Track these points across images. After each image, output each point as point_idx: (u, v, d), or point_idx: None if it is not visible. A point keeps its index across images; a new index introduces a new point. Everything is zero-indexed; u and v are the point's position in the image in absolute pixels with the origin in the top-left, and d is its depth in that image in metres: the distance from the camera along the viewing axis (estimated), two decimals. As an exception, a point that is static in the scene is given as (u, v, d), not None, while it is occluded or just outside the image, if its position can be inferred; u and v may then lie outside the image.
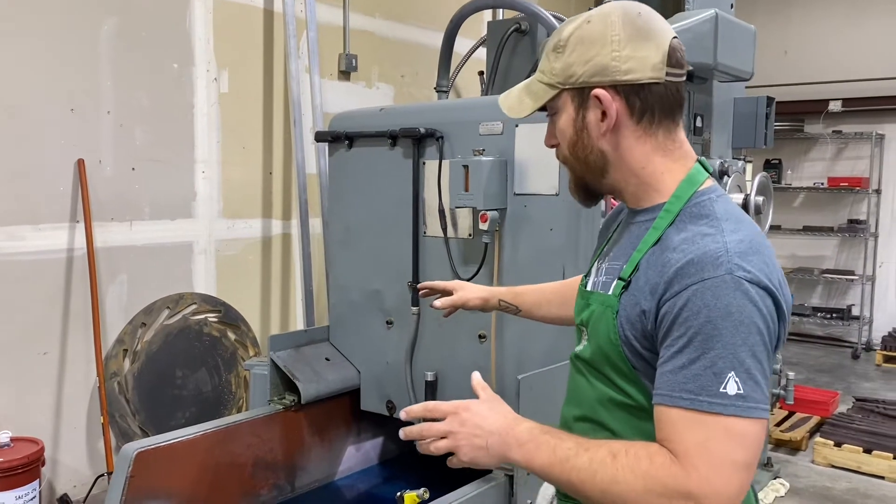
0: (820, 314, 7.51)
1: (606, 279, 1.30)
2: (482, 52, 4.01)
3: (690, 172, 1.25)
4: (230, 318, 4.15)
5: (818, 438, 4.61)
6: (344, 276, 3.09)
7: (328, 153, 3.16)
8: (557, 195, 2.51)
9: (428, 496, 2.08)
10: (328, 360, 3.03)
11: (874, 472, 4.33)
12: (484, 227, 2.58)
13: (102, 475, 3.60)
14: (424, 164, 2.80)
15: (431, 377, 2.79)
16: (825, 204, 7.77)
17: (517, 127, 2.57)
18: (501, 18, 4.69)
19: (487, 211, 2.57)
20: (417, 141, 2.79)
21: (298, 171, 4.35)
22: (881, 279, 7.62)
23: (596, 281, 1.34)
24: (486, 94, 3.66)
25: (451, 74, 3.86)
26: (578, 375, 1.36)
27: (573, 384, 1.38)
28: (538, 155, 2.54)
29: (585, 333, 1.33)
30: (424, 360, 2.85)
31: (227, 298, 4.16)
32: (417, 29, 5.30)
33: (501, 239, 2.64)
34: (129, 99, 3.77)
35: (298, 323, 4.63)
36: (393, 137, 2.85)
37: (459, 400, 1.25)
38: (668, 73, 1.21)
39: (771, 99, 3.86)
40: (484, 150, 2.64)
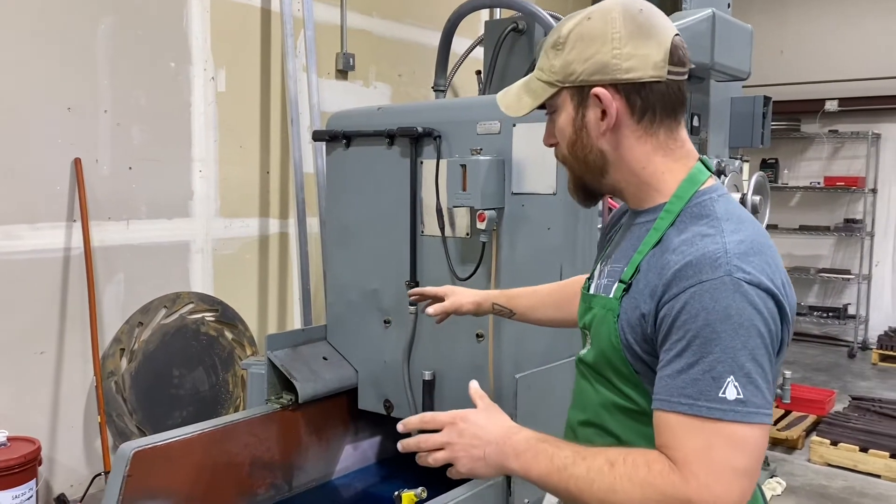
0: (816, 313, 7.54)
1: (608, 282, 1.28)
2: (479, 51, 4.01)
3: (692, 172, 1.23)
4: (227, 317, 4.15)
5: (814, 437, 4.62)
6: (341, 275, 3.09)
7: (325, 152, 3.16)
8: (555, 195, 2.51)
9: (426, 495, 2.08)
10: (326, 359, 3.02)
11: (870, 470, 4.35)
12: (482, 226, 2.58)
13: (99, 474, 3.60)
14: (422, 163, 2.80)
15: (429, 376, 2.78)
16: (821, 203, 7.79)
17: (515, 126, 2.56)
18: (499, 18, 4.69)
19: (485, 210, 2.57)
20: (415, 140, 2.78)
21: (296, 170, 4.35)
22: (877, 278, 7.65)
23: (598, 284, 1.32)
24: (483, 93, 3.66)
25: (448, 74, 3.86)
26: (582, 379, 1.34)
27: (578, 388, 1.36)
28: (536, 154, 2.53)
29: (589, 337, 1.31)
30: (422, 359, 2.85)
31: (224, 298, 4.16)
32: (415, 28, 5.30)
33: (499, 238, 2.63)
34: (126, 98, 3.76)
35: (296, 322, 4.63)
36: (390, 137, 2.84)
37: (456, 410, 1.23)
38: (669, 71, 1.19)
39: (768, 98, 3.86)
40: (481, 149, 2.63)
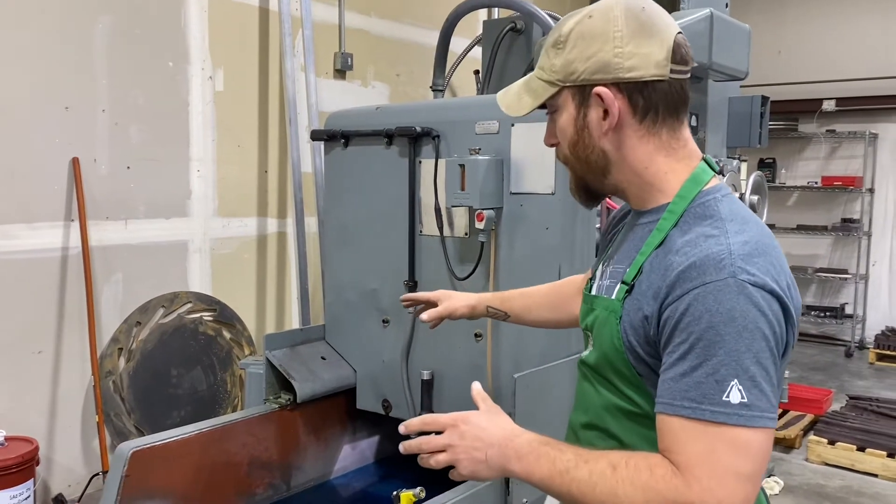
0: (813, 313, 7.55)
1: (610, 283, 1.26)
2: (477, 51, 4.01)
3: (695, 171, 1.21)
4: (225, 316, 4.14)
5: (812, 436, 4.63)
6: (340, 274, 3.09)
7: (324, 152, 3.16)
8: (553, 194, 2.51)
9: (424, 495, 2.08)
10: (324, 358, 3.02)
11: (867, 469, 4.36)
12: (480, 226, 2.58)
13: (97, 474, 3.60)
14: (420, 163, 2.80)
15: (427, 376, 2.78)
16: (819, 203, 7.80)
17: (513, 126, 2.56)
18: (497, 17, 4.70)
19: (484, 210, 2.57)
20: (413, 140, 2.78)
21: (294, 169, 4.35)
22: (874, 278, 7.66)
23: (600, 285, 1.30)
24: (481, 93, 3.66)
25: (446, 74, 3.86)
26: (585, 382, 1.33)
27: (580, 390, 1.35)
28: (534, 154, 2.54)
29: (591, 339, 1.30)
30: (420, 358, 2.85)
31: (222, 297, 4.16)
32: (413, 28, 5.30)
33: (497, 238, 2.64)
34: (124, 97, 3.76)
35: (294, 322, 4.62)
36: (389, 136, 2.84)
37: (458, 412, 1.22)
38: (672, 70, 1.17)
39: (766, 98, 3.86)
40: (480, 149, 2.63)
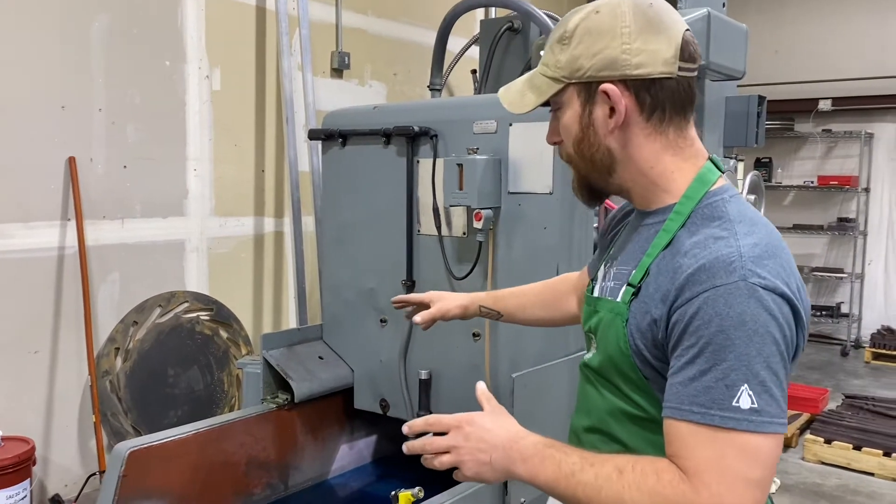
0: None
1: (615, 285, 1.24)
2: (475, 50, 4.02)
3: (701, 171, 1.19)
4: (222, 316, 4.14)
5: (808, 435, 4.64)
6: (337, 274, 3.08)
7: (321, 151, 3.15)
8: (551, 194, 2.51)
9: (423, 495, 2.07)
10: (321, 358, 3.02)
11: (864, 468, 4.37)
12: (478, 225, 2.58)
13: (94, 474, 3.59)
14: (418, 162, 2.80)
15: (425, 375, 2.78)
16: (815, 202, 7.82)
17: (511, 126, 2.56)
18: (494, 17, 4.69)
19: (482, 209, 2.57)
20: (411, 139, 2.78)
21: (291, 168, 4.35)
22: (870, 277, 7.69)
23: (603, 286, 1.28)
24: (478, 92, 3.66)
25: (444, 73, 3.86)
26: (587, 385, 1.31)
27: (582, 393, 1.33)
28: (532, 154, 2.54)
29: (594, 341, 1.28)
30: (418, 358, 2.85)
31: (219, 297, 4.15)
32: (410, 27, 5.29)
33: (496, 238, 2.63)
34: (120, 96, 3.75)
35: (291, 321, 4.62)
36: (387, 136, 2.84)
37: (462, 413, 1.20)
38: (680, 67, 1.16)
39: (763, 98, 3.86)
40: (478, 148, 2.63)
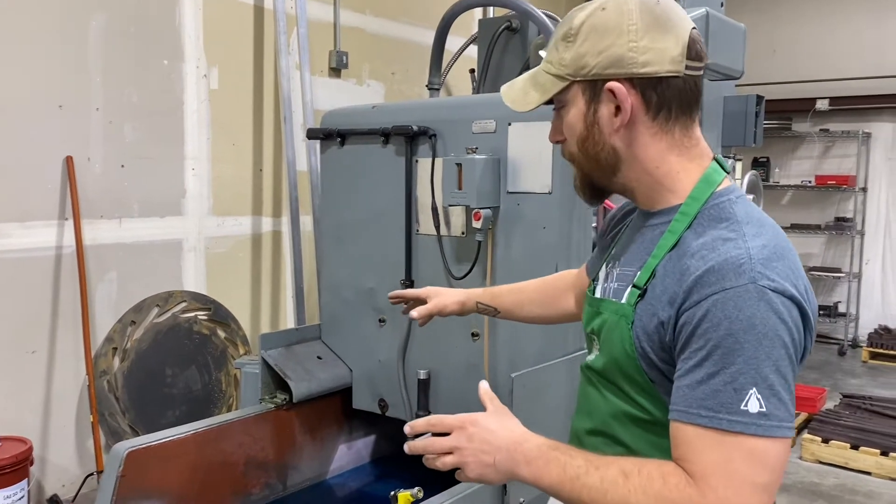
0: (807, 311, 7.57)
1: (619, 286, 1.23)
2: (473, 49, 4.01)
3: (707, 172, 1.18)
4: (220, 315, 4.13)
5: (806, 435, 4.64)
6: (336, 274, 3.08)
7: (320, 150, 3.15)
8: (550, 194, 2.50)
9: (422, 495, 2.07)
10: (320, 358, 3.02)
11: (861, 468, 4.37)
12: (477, 225, 2.58)
13: (92, 474, 3.58)
14: (417, 161, 2.79)
15: (424, 375, 2.78)
16: (812, 202, 7.83)
17: (510, 125, 2.56)
18: (492, 16, 4.69)
19: (480, 209, 2.57)
20: (410, 139, 2.78)
21: (289, 168, 4.34)
22: (867, 276, 7.69)
23: (606, 287, 1.27)
24: (477, 92, 3.66)
25: (442, 72, 3.85)
26: (590, 387, 1.29)
27: (584, 396, 1.32)
28: (531, 153, 2.53)
29: (597, 343, 1.26)
30: (417, 358, 2.85)
31: (216, 296, 4.15)
32: (408, 26, 5.29)
33: (494, 237, 2.63)
34: (118, 96, 3.74)
35: (289, 321, 4.61)
36: (385, 135, 2.84)
37: (466, 414, 1.18)
38: (687, 66, 1.14)
39: (760, 97, 3.86)
40: (477, 148, 2.63)
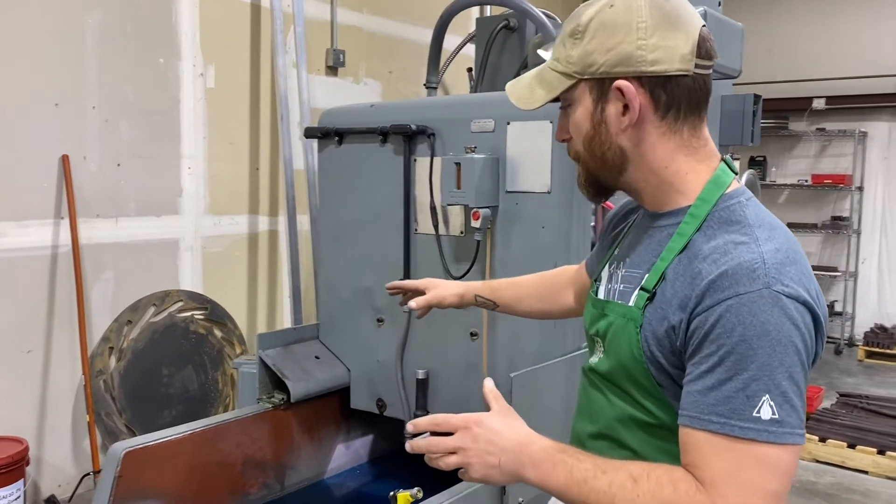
0: (803, 310, 7.58)
1: (625, 288, 1.20)
2: (470, 48, 4.00)
3: (716, 173, 1.16)
4: (216, 315, 4.12)
5: (803, 434, 4.65)
6: (334, 273, 3.07)
7: (317, 149, 3.13)
8: (549, 193, 2.50)
9: (422, 496, 2.06)
10: (318, 358, 3.01)
11: (858, 466, 4.38)
12: (476, 224, 2.57)
13: (88, 474, 3.57)
14: (416, 161, 2.78)
15: (422, 375, 2.77)
16: (809, 201, 7.84)
17: (509, 125, 2.56)
18: (490, 15, 4.68)
19: (479, 209, 2.56)
20: (409, 138, 2.77)
21: (286, 166, 4.32)
22: (863, 275, 7.70)
23: (610, 289, 1.24)
24: (474, 91, 3.65)
25: (440, 71, 3.84)
26: (593, 390, 1.27)
27: (586, 398, 1.30)
28: (530, 152, 2.53)
29: (601, 346, 1.24)
30: (415, 358, 2.84)
31: (213, 296, 4.13)
32: (405, 25, 5.28)
33: (493, 237, 2.63)
34: (114, 94, 3.72)
35: (285, 320, 4.60)
36: (384, 134, 2.82)
37: (470, 413, 1.16)
38: (697, 64, 1.12)
39: (758, 97, 3.86)
40: (476, 147, 2.62)
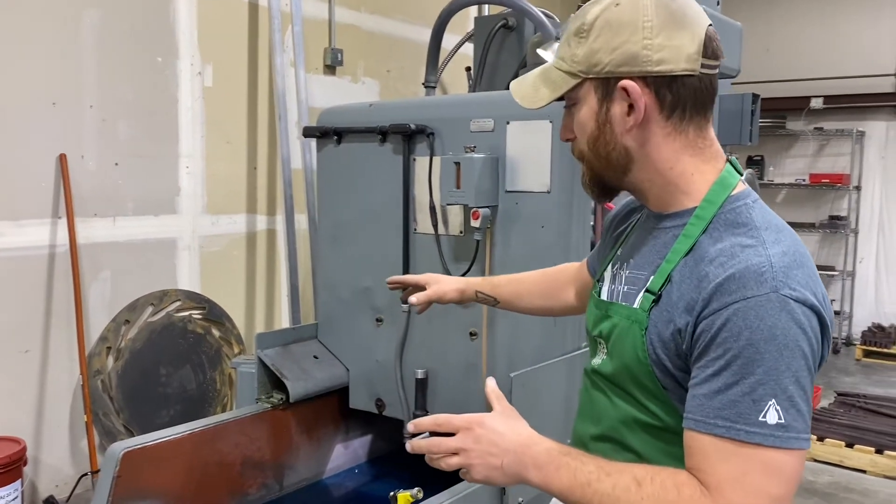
0: (801, 309, 7.59)
1: (629, 289, 1.19)
2: (468, 47, 3.99)
3: (722, 174, 1.16)
4: (214, 314, 4.11)
5: (801, 433, 4.65)
6: (333, 273, 3.06)
7: (316, 149, 3.13)
8: (549, 193, 2.50)
9: (422, 496, 2.06)
10: (316, 357, 3.00)
11: (856, 466, 4.38)
12: (475, 224, 2.56)
13: (86, 474, 3.56)
14: (415, 160, 2.78)
15: (422, 375, 2.77)
16: (807, 200, 7.84)
17: (508, 124, 2.55)
18: (488, 14, 4.67)
19: (479, 208, 2.56)
20: (408, 137, 2.76)
21: (283, 166, 4.32)
22: (861, 275, 7.72)
23: (614, 290, 1.24)
24: (473, 90, 3.64)
25: (438, 70, 3.84)
26: (596, 391, 1.26)
27: (589, 400, 1.29)
28: (530, 152, 2.52)
29: (604, 347, 1.23)
30: (414, 357, 2.84)
31: (211, 295, 4.12)
32: (403, 24, 5.27)
33: (493, 236, 2.62)
34: (112, 93, 3.71)
35: (283, 320, 4.59)
36: (383, 133, 2.82)
37: (473, 414, 1.15)
38: (703, 64, 1.11)
39: (756, 96, 3.86)
40: (475, 146, 2.62)
